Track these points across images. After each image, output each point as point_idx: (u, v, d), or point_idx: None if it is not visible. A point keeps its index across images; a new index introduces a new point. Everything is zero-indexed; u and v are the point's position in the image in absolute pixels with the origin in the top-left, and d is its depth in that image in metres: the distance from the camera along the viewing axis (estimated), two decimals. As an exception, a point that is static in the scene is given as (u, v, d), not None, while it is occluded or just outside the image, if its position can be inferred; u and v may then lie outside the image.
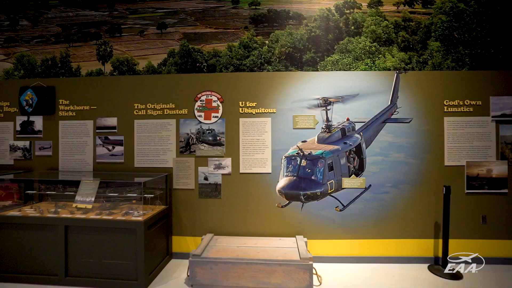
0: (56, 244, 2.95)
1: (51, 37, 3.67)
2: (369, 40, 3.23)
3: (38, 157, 3.78)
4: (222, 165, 3.50)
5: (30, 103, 3.76)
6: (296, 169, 3.42)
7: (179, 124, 3.56)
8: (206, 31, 3.47)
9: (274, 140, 3.47)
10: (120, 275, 2.87)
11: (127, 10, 3.60)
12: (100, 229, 2.92)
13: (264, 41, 3.43)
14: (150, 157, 3.59)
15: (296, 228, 3.44)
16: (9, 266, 3.02)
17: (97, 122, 3.68)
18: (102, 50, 3.58)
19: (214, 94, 3.52)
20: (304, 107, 3.46)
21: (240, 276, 2.84)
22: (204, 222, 3.54)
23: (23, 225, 3.02)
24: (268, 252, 3.01)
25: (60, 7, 3.68)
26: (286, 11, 3.41)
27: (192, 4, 3.54)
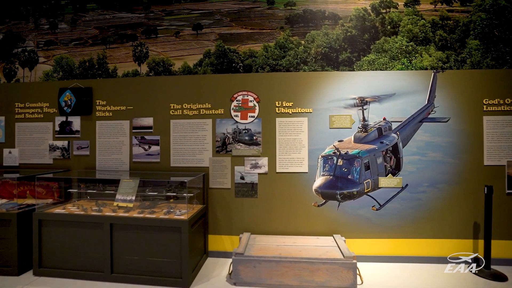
0: (102, 242, 3.01)
1: (89, 40, 3.74)
2: (406, 40, 3.23)
3: (76, 156, 3.86)
4: (258, 164, 3.53)
5: (68, 104, 3.84)
6: (333, 169, 3.44)
7: (215, 124, 3.60)
8: (242, 32, 3.51)
9: (310, 139, 3.49)
10: (164, 273, 2.91)
11: (163, 11, 3.65)
12: (145, 227, 2.97)
13: (300, 41, 3.45)
14: (186, 156, 3.64)
15: (332, 227, 3.46)
16: (56, 262, 3.09)
17: (133, 122, 3.74)
18: (138, 51, 3.64)
19: (251, 94, 3.56)
20: (340, 107, 3.47)
21: (283, 274, 2.86)
22: (240, 221, 3.57)
23: (70, 222, 3.09)
24: (309, 250, 3.03)
25: (97, 10, 3.75)
26: (322, 11, 3.43)
27: (227, 5, 3.58)
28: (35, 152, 3.97)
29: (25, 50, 4.01)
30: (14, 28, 3.94)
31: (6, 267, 3.15)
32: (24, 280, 3.06)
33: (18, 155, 4.00)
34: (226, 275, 3.16)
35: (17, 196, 3.59)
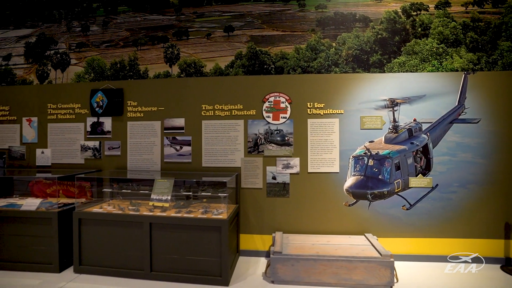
0: (141, 241, 3.07)
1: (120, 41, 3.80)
2: (436, 42, 3.27)
3: (107, 156, 3.93)
4: (290, 164, 3.59)
5: (100, 105, 3.90)
6: (364, 169, 3.49)
7: (247, 124, 3.65)
8: (273, 34, 3.56)
9: (342, 140, 3.54)
10: (203, 271, 2.98)
11: (194, 13, 3.70)
12: (184, 226, 3.03)
13: (331, 44, 3.50)
14: (218, 157, 3.70)
15: (363, 226, 3.52)
16: (95, 259, 3.16)
17: (164, 122, 3.80)
18: (170, 53, 3.70)
19: (283, 95, 3.61)
20: (371, 108, 3.53)
21: (321, 273, 2.93)
22: (271, 221, 3.63)
23: (109, 221, 3.16)
24: (345, 249, 3.09)
25: (129, 12, 3.81)
26: (353, 13, 3.47)
27: (259, 8, 3.63)
28: (67, 152, 4.04)
29: (57, 52, 4.07)
30: (46, 31, 4.01)
31: (48, 264, 3.22)
32: (65, 277, 3.13)
33: (50, 155, 4.07)
34: (261, 274, 3.22)
35: (57, 195, 3.65)
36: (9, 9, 3.88)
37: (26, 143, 4.12)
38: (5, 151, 4.16)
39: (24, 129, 4.12)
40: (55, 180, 3.60)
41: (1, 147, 4.16)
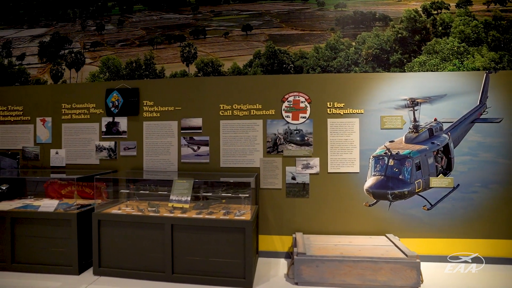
0: (162, 242, 3.03)
1: (136, 40, 3.76)
2: (457, 41, 3.25)
3: (123, 157, 3.89)
4: (310, 165, 3.56)
5: (116, 105, 3.86)
6: (384, 169, 3.47)
7: (266, 124, 3.62)
8: (292, 33, 3.53)
9: (362, 140, 3.52)
10: (226, 273, 2.94)
11: (211, 12, 3.66)
12: (207, 228, 2.99)
13: (350, 43, 3.47)
14: (237, 157, 3.67)
15: (383, 226, 3.49)
16: (115, 261, 3.12)
17: (181, 122, 3.76)
18: (186, 52, 3.66)
19: (302, 95, 3.58)
20: (391, 108, 3.50)
21: (346, 274, 2.90)
22: (291, 221, 3.60)
23: (129, 223, 3.12)
24: (369, 250, 3.07)
25: (145, 11, 3.77)
26: (372, 12, 3.45)
27: (277, 6, 3.59)
28: (81, 152, 3.99)
29: (71, 51, 4.03)
30: (61, 30, 3.96)
31: (67, 266, 3.18)
32: (85, 279, 3.09)
33: (64, 156, 4.02)
34: (283, 275, 3.19)
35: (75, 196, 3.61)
36: (22, 8, 3.84)
37: (40, 143, 4.07)
38: (18, 152, 4.11)
39: (38, 129, 4.08)
40: (74, 181, 3.54)
41: (15, 148, 4.11)
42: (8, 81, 3.87)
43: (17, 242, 3.29)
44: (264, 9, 3.68)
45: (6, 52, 3.89)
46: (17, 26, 3.97)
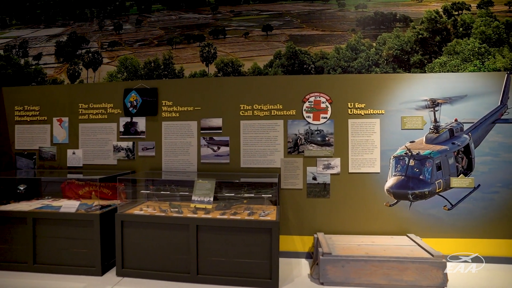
0: (187, 243, 3.02)
1: (154, 40, 3.74)
2: (478, 41, 3.26)
3: (141, 157, 3.87)
4: (331, 165, 3.56)
5: (134, 105, 3.84)
6: (405, 169, 3.48)
7: (287, 124, 3.62)
8: (313, 34, 3.53)
9: (382, 140, 3.53)
10: (252, 274, 2.94)
11: (231, 12, 3.66)
12: (232, 228, 2.99)
13: (371, 44, 3.48)
14: (257, 157, 3.66)
15: (404, 226, 3.50)
16: (138, 262, 3.11)
17: (201, 123, 3.75)
18: (206, 52, 3.65)
19: (323, 95, 3.58)
20: (412, 108, 3.51)
21: (372, 274, 2.91)
22: (311, 222, 3.61)
23: (153, 223, 3.10)
24: (394, 250, 3.08)
25: (163, 10, 3.75)
26: (393, 13, 3.46)
27: (298, 7, 3.59)
28: (99, 153, 3.97)
29: (89, 51, 4.00)
30: (78, 30, 3.94)
31: (90, 267, 3.17)
32: (109, 280, 3.08)
33: (82, 156, 4.00)
34: (307, 275, 3.20)
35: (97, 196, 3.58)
36: (39, 7, 3.81)
37: (57, 143, 4.04)
38: (35, 152, 4.08)
39: (54, 129, 4.05)
40: (96, 181, 3.52)
41: (31, 148, 4.08)
42: (25, 80, 3.85)
43: (38, 243, 3.27)
44: (285, 9, 3.68)
45: (22, 52, 3.86)
46: (34, 26, 3.94)
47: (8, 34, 3.92)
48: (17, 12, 3.68)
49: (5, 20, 3.64)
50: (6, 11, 3.50)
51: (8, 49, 3.94)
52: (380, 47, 3.47)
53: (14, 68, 3.72)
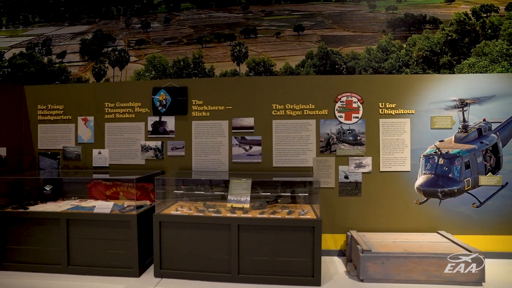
0: (227, 243, 3.02)
1: (183, 39, 3.71)
2: (506, 43, 3.36)
3: (170, 157, 3.84)
4: (362, 164, 3.61)
5: (163, 104, 3.80)
6: (434, 167, 3.56)
7: (319, 124, 3.64)
8: (344, 34, 3.57)
9: (413, 139, 3.59)
10: (294, 272, 2.96)
11: (262, 12, 3.66)
12: (274, 227, 3.00)
13: (401, 45, 3.54)
14: (289, 157, 3.68)
15: (434, 224, 3.58)
16: (176, 263, 3.08)
17: (232, 122, 3.75)
18: (237, 51, 3.65)
19: (355, 95, 3.62)
20: (441, 108, 3.59)
21: (411, 270, 2.97)
22: (343, 220, 3.65)
23: (192, 224, 3.09)
24: (430, 246, 3.15)
25: (193, 9, 3.72)
26: (423, 15, 3.53)
27: (329, 8, 3.63)
28: (126, 152, 3.92)
29: (115, 49, 3.94)
30: (104, 28, 3.87)
31: (127, 268, 3.13)
32: (147, 281, 3.05)
33: (108, 156, 3.94)
34: (343, 272, 3.24)
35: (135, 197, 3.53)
36: (63, 5, 3.72)
37: (82, 143, 3.97)
38: (59, 152, 3.99)
39: (79, 128, 3.97)
40: (133, 181, 3.47)
41: (55, 148, 4.00)
42: (48, 79, 3.76)
43: (71, 244, 3.22)
44: (316, 10, 3.70)
45: (46, 50, 3.76)
46: (58, 23, 3.84)
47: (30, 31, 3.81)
48: (40, 9, 3.59)
49: (27, 18, 3.54)
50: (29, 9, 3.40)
51: (31, 47, 3.83)
52: (410, 48, 3.54)
53: (37, 67, 3.62)
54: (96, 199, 3.81)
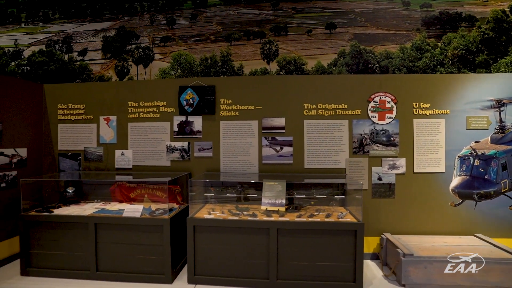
0: (266, 247, 2.91)
1: (210, 36, 3.60)
2: (542, 43, 3.29)
3: (197, 158, 3.72)
4: (396, 165, 3.53)
5: (190, 103, 3.68)
6: (470, 169, 3.49)
7: (352, 124, 3.55)
8: (377, 32, 3.51)
9: (447, 140, 3.52)
10: (335, 277, 2.86)
11: (293, 9, 3.58)
12: (314, 231, 2.90)
13: (436, 43, 3.48)
14: (321, 158, 3.59)
15: (470, 226, 3.51)
16: (210, 269, 2.97)
17: (262, 122, 3.64)
18: (267, 49, 3.59)
19: (388, 95, 3.54)
20: (477, 108, 3.52)
21: (455, 275, 2.88)
22: (376, 222, 3.56)
23: (227, 228, 2.97)
24: (472, 250, 3.06)
25: (220, 5, 3.61)
26: (458, 13, 3.48)
27: (362, 5, 3.57)
28: (150, 153, 3.79)
29: (139, 46, 3.85)
30: (127, 24, 3.78)
31: (158, 274, 3.00)
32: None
33: (131, 157, 3.80)
34: (381, 277, 3.16)
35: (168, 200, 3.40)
36: (85, 1, 3.57)
37: (104, 144, 3.83)
38: (80, 153, 3.85)
39: (101, 129, 3.84)
40: (166, 183, 3.34)
41: (76, 149, 3.85)
42: (69, 77, 3.62)
43: (99, 249, 3.08)
44: (348, 7, 3.66)
45: (66, 48, 3.64)
46: (79, 20, 3.71)
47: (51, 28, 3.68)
48: (60, 5, 3.44)
49: (47, 14, 3.40)
50: (49, 5, 3.24)
51: (51, 44, 3.71)
52: (445, 47, 3.47)
53: (57, 65, 3.49)
54: (120, 201, 3.67)
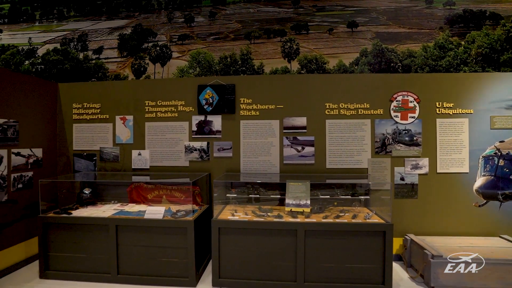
0: (293, 250, 2.85)
1: (230, 34, 3.53)
2: None
3: (216, 158, 3.65)
4: (419, 165, 3.48)
5: (210, 102, 3.62)
6: (494, 169, 3.45)
7: (374, 124, 3.51)
8: (400, 31, 3.47)
9: (471, 140, 3.48)
10: (363, 279, 2.81)
11: (314, 7, 3.52)
12: (341, 232, 2.84)
13: (459, 42, 3.43)
14: (343, 158, 3.53)
15: (494, 227, 3.47)
16: (235, 272, 2.90)
17: (284, 122, 3.58)
18: (288, 48, 3.53)
19: (411, 94, 3.49)
20: (501, 108, 3.49)
21: (486, 277, 2.84)
22: (399, 223, 3.50)
23: (253, 230, 2.91)
24: (502, 252, 3.02)
25: (240, 3, 3.54)
26: (483, 11, 3.44)
27: (384, 3, 3.52)
28: (168, 153, 3.72)
29: (156, 44, 3.78)
30: (144, 22, 3.71)
31: (182, 277, 2.93)
32: (208, 291, 2.85)
33: (148, 157, 3.73)
34: (407, 279, 3.11)
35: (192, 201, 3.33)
36: (102, -4, 3.49)
37: (120, 143, 3.75)
38: (95, 153, 3.77)
39: (117, 128, 3.76)
40: (190, 184, 3.27)
41: (91, 149, 3.77)
42: (84, 76, 3.54)
43: (121, 252, 3.00)
44: (370, 5, 3.60)
45: (81, 46, 3.56)
46: (94, 18, 3.63)
47: (65, 26, 3.59)
48: (75, 3, 3.36)
49: (62, 12, 3.32)
50: (64, 2, 3.17)
51: (66, 42, 3.63)
52: (468, 46, 3.43)
53: (72, 63, 3.41)
54: (138, 203, 3.60)
